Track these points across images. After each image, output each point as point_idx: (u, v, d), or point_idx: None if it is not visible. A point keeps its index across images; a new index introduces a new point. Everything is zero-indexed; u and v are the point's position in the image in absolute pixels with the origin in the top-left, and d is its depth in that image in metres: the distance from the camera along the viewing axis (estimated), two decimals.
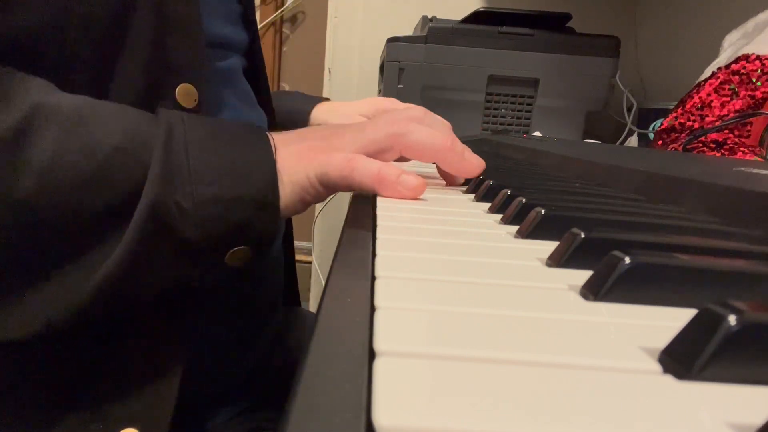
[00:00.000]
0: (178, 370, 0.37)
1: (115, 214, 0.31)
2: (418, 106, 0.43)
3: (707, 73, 0.81)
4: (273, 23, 1.65)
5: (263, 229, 0.34)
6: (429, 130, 0.38)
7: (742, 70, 0.73)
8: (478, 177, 0.41)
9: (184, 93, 0.38)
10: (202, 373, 0.45)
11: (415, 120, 0.39)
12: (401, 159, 0.40)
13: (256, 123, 0.50)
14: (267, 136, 0.36)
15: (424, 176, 0.37)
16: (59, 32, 0.33)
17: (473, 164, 0.40)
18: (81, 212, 0.30)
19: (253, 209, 0.33)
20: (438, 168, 0.45)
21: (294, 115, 0.68)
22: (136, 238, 0.31)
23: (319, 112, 0.69)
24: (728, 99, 0.74)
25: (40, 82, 0.32)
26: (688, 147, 0.72)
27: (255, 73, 0.54)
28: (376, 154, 0.37)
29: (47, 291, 0.31)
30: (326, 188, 0.36)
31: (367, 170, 0.35)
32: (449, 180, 0.45)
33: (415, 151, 0.38)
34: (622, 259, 0.18)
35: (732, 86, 0.74)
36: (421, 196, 0.36)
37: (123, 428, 0.35)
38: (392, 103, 0.71)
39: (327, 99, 0.73)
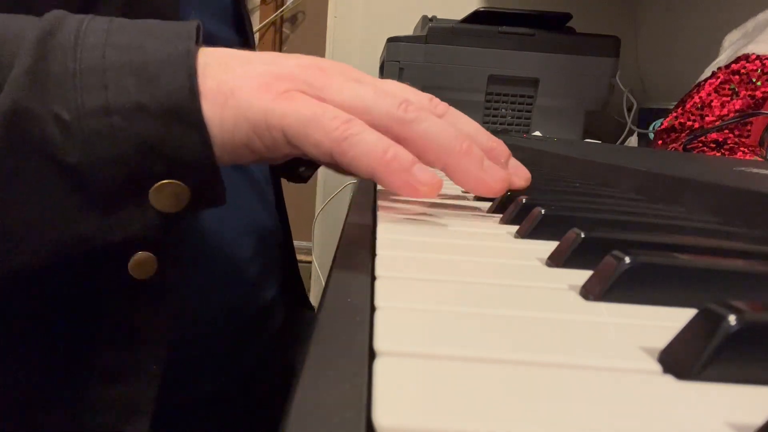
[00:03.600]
0: (155, 382, 0.32)
1: None
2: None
3: (707, 73, 0.81)
4: (273, 23, 1.65)
5: (190, 152, 0.25)
6: (443, 122, 0.29)
7: (742, 70, 0.73)
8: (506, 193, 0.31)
9: None
10: (189, 374, 0.44)
11: (430, 108, 0.30)
12: None
13: None
14: (192, 32, 0.27)
15: None
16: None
17: (491, 179, 0.29)
18: None
19: (163, 120, 0.25)
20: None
21: None
22: None
23: None
24: (728, 99, 0.74)
25: None
26: (688, 147, 0.72)
27: None
28: None
29: None
30: (292, 146, 0.26)
31: (370, 144, 0.25)
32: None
33: (418, 145, 0.28)
34: (623, 259, 0.18)
35: (732, 86, 0.74)
36: None
37: None
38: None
39: None
